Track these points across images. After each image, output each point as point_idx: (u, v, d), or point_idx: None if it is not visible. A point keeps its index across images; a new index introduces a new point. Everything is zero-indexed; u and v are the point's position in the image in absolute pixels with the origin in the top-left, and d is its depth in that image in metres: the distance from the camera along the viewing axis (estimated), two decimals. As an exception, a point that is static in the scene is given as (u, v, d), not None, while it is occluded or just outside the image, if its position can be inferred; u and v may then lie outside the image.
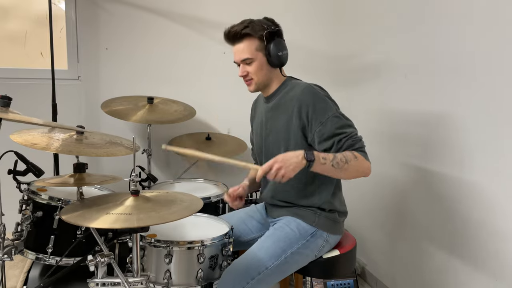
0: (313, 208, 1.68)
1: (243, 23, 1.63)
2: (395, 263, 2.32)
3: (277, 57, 1.63)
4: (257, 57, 1.64)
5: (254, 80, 1.67)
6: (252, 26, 1.62)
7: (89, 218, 1.29)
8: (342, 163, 1.50)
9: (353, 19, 2.71)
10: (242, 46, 1.64)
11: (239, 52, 1.65)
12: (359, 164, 1.53)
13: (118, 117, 2.32)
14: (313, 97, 1.59)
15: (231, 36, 1.64)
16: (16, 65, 2.58)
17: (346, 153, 1.53)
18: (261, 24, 1.63)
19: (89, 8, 2.56)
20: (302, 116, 1.60)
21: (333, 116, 1.57)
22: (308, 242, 1.63)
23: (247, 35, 1.62)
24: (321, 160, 1.48)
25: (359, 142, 1.56)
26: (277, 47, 1.62)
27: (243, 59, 1.65)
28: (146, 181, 2.28)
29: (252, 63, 1.64)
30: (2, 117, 1.41)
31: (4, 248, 1.55)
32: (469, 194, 1.78)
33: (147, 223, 1.26)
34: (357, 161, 1.52)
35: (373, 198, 2.51)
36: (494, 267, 1.68)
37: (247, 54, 1.63)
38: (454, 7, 1.84)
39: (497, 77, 1.63)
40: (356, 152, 1.54)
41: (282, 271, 1.61)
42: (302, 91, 1.62)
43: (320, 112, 1.57)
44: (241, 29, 1.61)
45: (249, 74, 1.67)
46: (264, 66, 1.65)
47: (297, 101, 1.61)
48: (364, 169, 1.55)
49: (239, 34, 1.62)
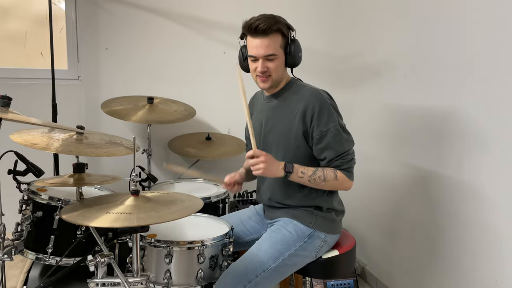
0: (309, 209, 1.68)
1: (269, 17, 1.57)
2: (395, 263, 2.32)
3: (296, 57, 1.64)
4: (280, 54, 1.60)
5: (272, 77, 1.63)
6: (281, 21, 1.59)
7: (89, 217, 1.29)
8: (319, 180, 1.60)
9: (353, 19, 2.71)
10: (268, 41, 1.56)
11: (264, 47, 1.57)
12: (337, 183, 1.63)
13: (118, 117, 2.32)
14: (320, 104, 1.59)
15: (259, 30, 1.55)
16: (16, 65, 2.57)
17: (328, 171, 1.61)
18: (284, 22, 1.61)
19: (89, 8, 2.56)
20: (306, 120, 1.61)
21: (334, 128, 1.59)
22: (306, 244, 1.63)
23: (277, 31, 1.57)
24: (298, 174, 1.59)
25: (347, 163, 1.62)
26: (298, 48, 1.64)
27: (268, 55, 1.58)
28: (146, 181, 2.28)
29: (275, 59, 1.60)
30: (2, 117, 1.41)
31: (4, 248, 1.54)
32: (469, 194, 1.78)
33: (147, 222, 1.26)
34: (335, 182, 1.62)
35: (373, 198, 2.51)
36: (494, 268, 1.68)
37: (273, 50, 1.58)
38: (454, 7, 1.83)
39: (497, 77, 1.63)
40: (340, 172, 1.62)
41: (280, 273, 1.61)
42: (310, 95, 1.62)
43: (323, 121, 1.59)
44: (272, 24, 1.55)
45: (269, 70, 1.61)
46: (283, 64, 1.64)
47: (303, 104, 1.61)
48: (343, 187, 1.66)
49: (270, 29, 1.55)
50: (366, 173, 2.56)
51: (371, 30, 2.49)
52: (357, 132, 2.71)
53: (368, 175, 2.53)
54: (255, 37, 1.58)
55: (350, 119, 2.74)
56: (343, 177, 1.62)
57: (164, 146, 2.68)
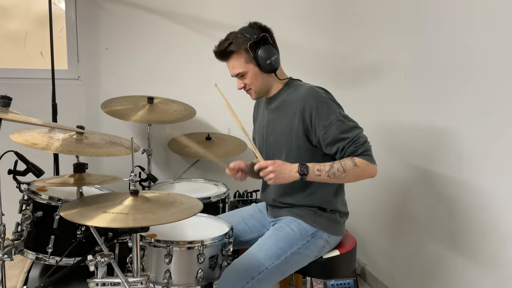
0: (313, 208, 1.68)
1: (227, 39, 1.64)
2: (395, 263, 2.32)
3: (267, 64, 1.63)
4: (249, 68, 1.65)
5: (253, 90, 1.70)
6: (236, 41, 1.62)
7: (86, 216, 1.29)
8: (339, 172, 1.54)
9: (353, 19, 2.71)
10: (232, 63, 1.66)
11: (231, 68, 1.68)
12: (359, 170, 1.55)
13: (118, 117, 2.32)
14: (317, 100, 1.59)
15: (219, 56, 1.67)
16: (16, 65, 2.57)
17: (346, 161, 1.55)
18: (244, 35, 1.62)
19: (89, 8, 2.56)
20: (305, 118, 1.60)
21: (336, 120, 1.57)
22: (309, 243, 1.63)
23: (233, 52, 1.64)
24: (315, 172, 1.55)
25: (362, 146, 1.56)
26: (265, 55, 1.61)
27: (237, 74, 1.68)
28: (146, 181, 2.28)
29: (246, 75, 1.67)
30: (2, 117, 1.41)
31: (4, 248, 1.55)
32: (469, 194, 1.78)
33: (143, 224, 1.26)
34: (356, 169, 1.55)
35: (373, 199, 2.51)
36: (494, 268, 1.68)
37: (239, 69, 1.66)
38: (455, 7, 1.83)
39: (498, 76, 1.63)
40: (358, 158, 1.55)
41: (282, 271, 1.61)
42: (305, 93, 1.61)
43: (324, 115, 1.58)
44: (225, 48, 1.63)
45: (247, 86, 1.70)
46: (258, 75, 1.66)
47: (299, 103, 1.61)
48: (367, 174, 1.58)
49: (225, 53, 1.65)
50: (366, 173, 2.56)
51: (371, 30, 2.49)
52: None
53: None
54: (223, 61, 1.70)
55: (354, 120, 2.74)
56: (363, 162, 1.55)
57: (164, 146, 2.68)
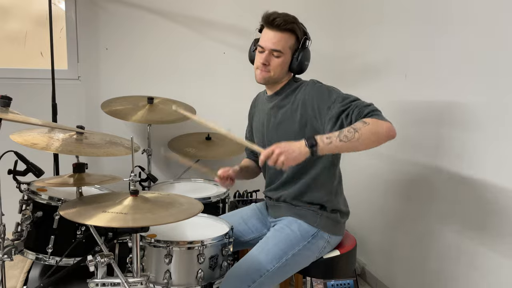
0: (314, 208, 1.67)
1: (289, 16, 1.59)
2: (395, 263, 2.32)
3: (302, 64, 1.64)
4: (286, 54, 1.61)
5: (271, 74, 1.63)
6: (299, 26, 1.61)
7: (85, 215, 1.29)
8: (350, 134, 1.39)
9: (353, 19, 2.71)
10: (280, 36, 1.58)
11: (274, 41, 1.59)
12: (372, 128, 1.40)
13: (118, 117, 2.32)
14: (316, 89, 1.60)
15: (276, 23, 1.57)
16: (16, 65, 2.57)
17: (354, 124, 1.43)
18: (302, 27, 1.64)
19: (89, 8, 2.56)
20: (307, 108, 1.59)
21: (338, 97, 1.54)
22: (310, 244, 1.63)
23: (292, 30, 1.59)
24: (325, 141, 1.40)
25: (367, 108, 1.46)
26: (306, 56, 1.64)
27: (275, 49, 1.60)
28: (146, 181, 2.28)
29: (280, 57, 1.61)
30: (2, 117, 1.41)
31: (4, 248, 1.54)
32: (469, 194, 1.78)
33: (141, 224, 1.27)
34: (368, 126, 1.39)
35: (373, 198, 2.51)
36: (494, 268, 1.68)
37: (281, 47, 1.59)
38: (455, 7, 1.83)
39: (497, 76, 1.63)
40: (365, 118, 1.44)
41: (283, 273, 1.61)
42: (306, 85, 1.64)
43: (325, 99, 1.56)
44: (290, 22, 1.57)
45: (270, 65, 1.62)
46: (286, 65, 1.64)
47: (301, 96, 1.62)
48: (383, 130, 1.41)
49: (286, 25, 1.57)
50: (367, 173, 2.56)
51: (371, 30, 2.49)
52: (357, 132, 2.68)
53: (368, 175, 2.53)
54: (270, 29, 1.60)
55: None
56: (373, 120, 1.41)
57: (164, 146, 2.68)
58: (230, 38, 2.73)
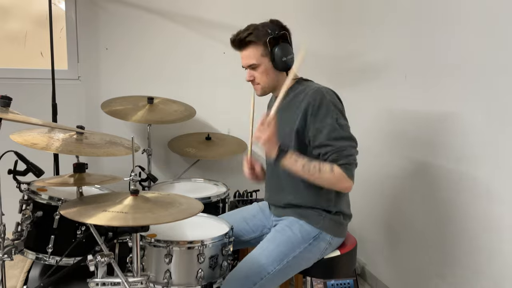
0: (318, 210, 1.65)
1: (247, 29, 1.64)
2: (395, 263, 2.32)
3: (282, 62, 1.62)
4: (263, 62, 1.64)
5: (261, 85, 1.69)
6: (256, 32, 1.62)
7: (86, 214, 1.29)
8: (314, 170, 1.50)
9: (353, 19, 2.71)
10: (247, 52, 1.65)
11: (245, 58, 1.66)
12: (333, 180, 1.50)
13: (118, 117, 2.32)
14: (319, 100, 1.57)
15: (237, 43, 1.66)
16: (16, 65, 2.58)
17: (324, 163, 1.51)
18: (266, 29, 1.62)
19: (89, 8, 2.56)
20: (307, 117, 1.59)
21: (329, 125, 1.54)
22: (311, 246, 1.62)
23: (251, 42, 1.63)
24: (293, 158, 1.52)
25: (345, 158, 1.50)
26: (282, 52, 1.62)
27: (249, 65, 1.66)
28: (146, 181, 2.28)
29: (258, 68, 1.65)
30: (2, 117, 1.41)
31: (4, 248, 1.54)
32: (470, 195, 1.78)
33: (142, 223, 1.27)
34: (330, 175, 1.49)
35: (374, 198, 2.51)
36: (495, 268, 1.68)
37: (253, 60, 1.64)
38: (454, 7, 1.83)
39: (497, 76, 1.63)
40: (337, 167, 1.49)
41: (284, 275, 1.60)
42: (313, 93, 1.60)
43: (320, 117, 1.56)
44: (245, 37, 1.63)
45: (256, 79, 1.68)
46: (270, 71, 1.66)
47: (305, 102, 1.60)
48: (339, 187, 1.54)
49: (243, 42, 1.64)
50: (367, 173, 2.55)
51: (371, 31, 2.49)
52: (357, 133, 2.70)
53: (368, 175, 2.53)
54: (239, 50, 1.69)
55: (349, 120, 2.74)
56: (340, 173, 1.48)
57: (164, 146, 2.69)
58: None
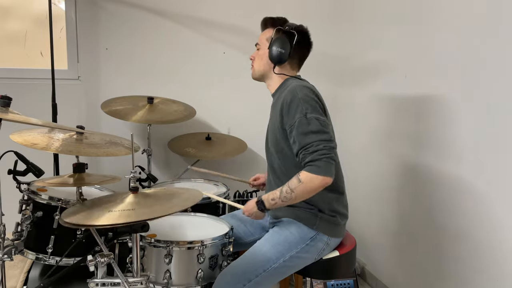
0: (313, 210, 1.65)
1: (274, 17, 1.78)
2: (395, 263, 2.32)
3: (274, 51, 1.64)
4: (263, 46, 1.73)
5: (254, 67, 1.78)
6: (277, 21, 1.75)
7: (91, 217, 1.28)
8: (289, 194, 1.51)
9: (353, 19, 2.71)
10: (262, 33, 1.79)
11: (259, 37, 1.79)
12: (305, 187, 1.48)
13: (118, 117, 2.32)
14: (290, 98, 1.57)
15: (262, 23, 1.80)
16: (16, 65, 2.58)
17: (291, 180, 1.51)
18: (283, 22, 1.74)
19: (89, 8, 2.56)
20: (282, 115, 1.60)
21: (298, 121, 1.53)
22: (308, 246, 1.62)
23: (268, 26, 1.77)
24: (271, 202, 1.56)
25: (310, 155, 1.48)
26: (279, 44, 1.65)
27: (256, 43, 1.78)
28: (146, 181, 2.28)
29: (259, 50, 1.76)
30: (2, 117, 1.41)
31: (4, 248, 1.54)
32: (469, 193, 1.78)
33: (151, 216, 1.26)
34: (302, 186, 1.48)
35: (373, 198, 2.51)
36: (494, 268, 1.68)
37: (260, 40, 1.77)
38: (454, 7, 1.83)
39: (497, 77, 1.63)
40: (303, 171, 1.49)
41: (280, 274, 1.61)
42: (288, 91, 1.61)
43: (291, 115, 1.56)
44: (267, 20, 1.78)
45: (254, 60, 1.78)
46: (265, 56, 1.72)
47: (280, 101, 1.62)
48: (315, 186, 1.48)
49: (264, 23, 1.79)
50: (366, 173, 2.56)
51: (371, 30, 2.49)
52: (357, 133, 2.71)
53: (368, 175, 2.53)
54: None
55: (350, 119, 2.75)
56: (307, 175, 1.47)
57: (164, 146, 2.69)
58: (230, 38, 2.73)
